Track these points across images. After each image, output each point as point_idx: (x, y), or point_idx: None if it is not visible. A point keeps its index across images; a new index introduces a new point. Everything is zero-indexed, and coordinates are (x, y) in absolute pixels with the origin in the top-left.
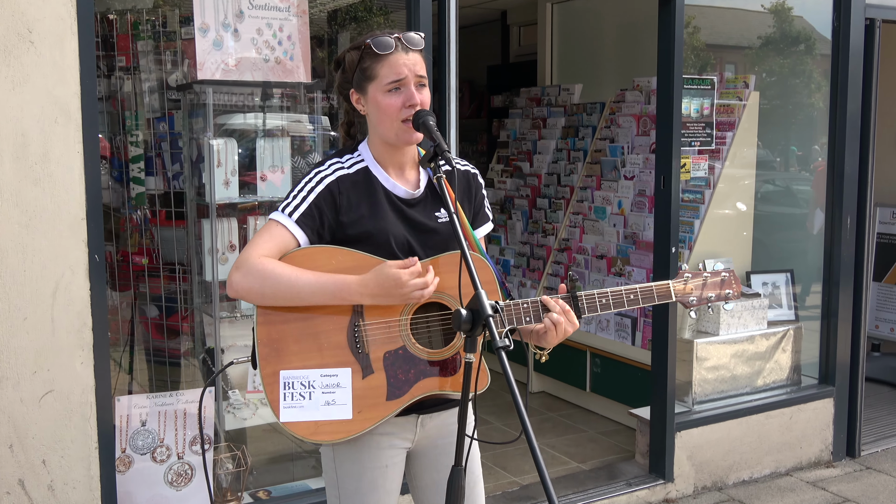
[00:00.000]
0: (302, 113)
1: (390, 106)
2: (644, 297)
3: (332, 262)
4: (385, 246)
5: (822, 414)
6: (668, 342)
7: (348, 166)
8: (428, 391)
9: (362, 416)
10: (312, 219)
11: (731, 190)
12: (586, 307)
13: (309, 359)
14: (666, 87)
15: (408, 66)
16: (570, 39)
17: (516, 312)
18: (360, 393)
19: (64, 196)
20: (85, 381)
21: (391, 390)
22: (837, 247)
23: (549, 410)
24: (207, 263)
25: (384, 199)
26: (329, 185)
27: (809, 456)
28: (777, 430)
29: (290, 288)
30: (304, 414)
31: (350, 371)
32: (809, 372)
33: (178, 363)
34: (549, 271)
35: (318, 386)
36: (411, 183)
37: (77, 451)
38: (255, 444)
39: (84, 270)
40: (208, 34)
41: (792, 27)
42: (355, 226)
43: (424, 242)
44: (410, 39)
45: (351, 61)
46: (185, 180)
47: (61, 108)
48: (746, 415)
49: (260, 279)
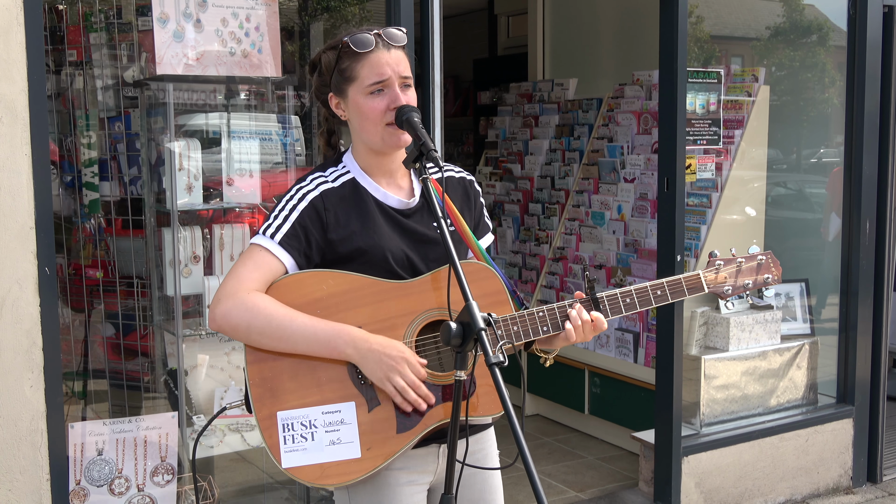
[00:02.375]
0: (271, 112)
1: (373, 109)
2: (673, 292)
3: (324, 286)
4: (381, 263)
5: (841, 436)
6: (673, 359)
7: (332, 180)
8: (441, 419)
9: (372, 452)
10: (297, 240)
11: (740, 193)
12: (609, 309)
13: (308, 395)
14: (669, 82)
15: (391, 65)
16: (564, 30)
17: (532, 322)
18: (367, 428)
19: (10, 203)
20: (35, 406)
21: (401, 422)
22: (856, 254)
23: (544, 435)
24: (169, 277)
25: (376, 212)
26: (313, 202)
27: (827, 482)
28: (792, 454)
29: (282, 330)
30: (308, 457)
31: (354, 405)
32: (826, 390)
33: (137, 386)
34: (544, 283)
35: (320, 425)
36: (404, 191)
37: (27, 483)
38: (222, 474)
39: (33, 285)
40: (168, 25)
41: (803, 16)
42: (346, 243)
43: (425, 255)
44: (392, 36)
45: (328, 63)
46: (143, 185)
47: (7, 107)
48: (759, 437)
49: (248, 317)
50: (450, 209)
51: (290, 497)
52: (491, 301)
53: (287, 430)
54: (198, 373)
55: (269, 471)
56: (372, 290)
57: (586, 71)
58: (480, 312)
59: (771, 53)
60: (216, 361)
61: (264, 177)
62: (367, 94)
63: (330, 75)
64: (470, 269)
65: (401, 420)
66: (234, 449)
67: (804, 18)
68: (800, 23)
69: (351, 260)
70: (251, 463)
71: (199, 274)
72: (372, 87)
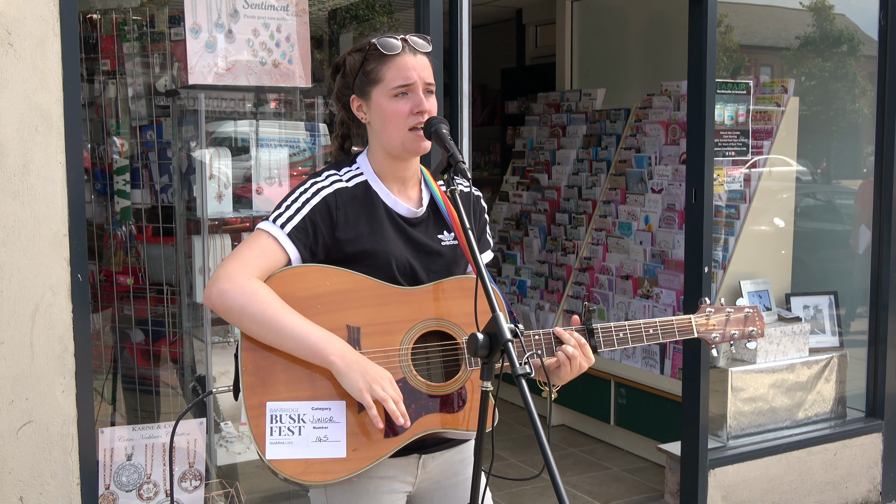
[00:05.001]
0: (299, 120)
1: (397, 112)
2: (664, 333)
3: (327, 283)
4: (385, 268)
5: (870, 450)
6: (700, 371)
7: (346, 179)
8: (429, 429)
9: (357, 454)
10: (306, 233)
11: (768, 204)
12: (602, 341)
13: (299, 390)
14: (697, 92)
15: (416, 69)
16: (592, 40)
17: (526, 345)
18: (354, 429)
19: (45, 211)
20: (66, 411)
21: (389, 427)
22: (886, 266)
23: (569, 445)
24: (198, 284)
25: (385, 217)
26: (326, 198)
27: (856, 496)
28: (820, 468)
29: (271, 324)
30: (293, 451)
31: (344, 405)
32: (856, 404)
33: (166, 393)
34: (570, 293)
35: (308, 420)
36: (413, 201)
37: (57, 487)
38: (249, 480)
39: (66, 291)
40: (200, 35)
41: (834, 26)
42: (353, 244)
43: (427, 266)
44: (417, 42)
45: (353, 64)
46: (173, 193)
47: (42, 116)
48: (786, 451)
49: (243, 302)
50: (455, 224)
51: None
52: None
53: (275, 422)
54: (226, 380)
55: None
56: (374, 293)
57: (614, 81)
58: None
59: (801, 63)
60: None
61: (293, 185)
62: (391, 96)
63: (354, 77)
64: (468, 283)
65: (389, 425)
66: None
67: (834, 28)
68: (830, 32)
69: (355, 261)
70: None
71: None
72: (396, 90)
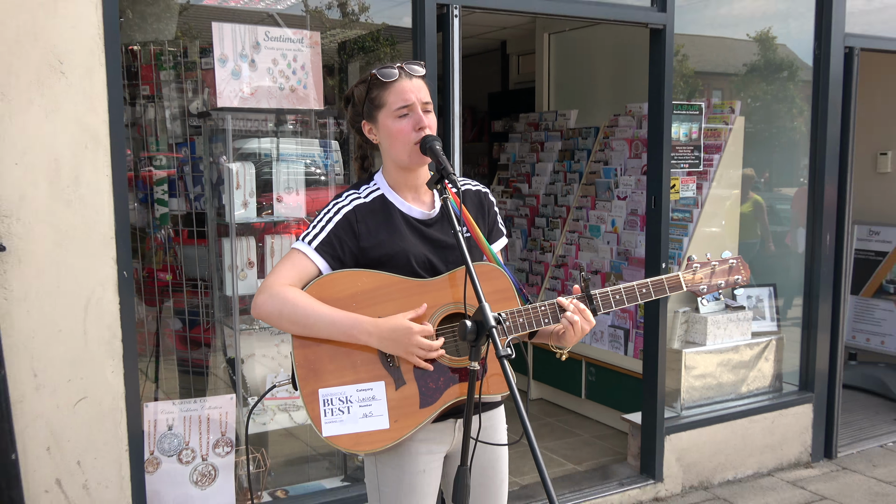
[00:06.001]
0: (314, 137)
1: (401, 130)
2: (656, 290)
3: (358, 284)
4: (406, 266)
5: (802, 418)
6: (658, 352)
7: (364, 195)
8: (457, 397)
9: (399, 424)
10: (332, 246)
11: (717, 209)
12: (601, 304)
13: (344, 376)
14: (657, 113)
15: (413, 91)
16: (566, 68)
17: (535, 315)
18: (394, 403)
19: (94, 217)
20: (115, 388)
21: (423, 399)
22: (817, 262)
23: (546, 416)
24: (227, 279)
25: (401, 222)
26: (346, 215)
27: (790, 457)
28: (760, 434)
29: (305, 318)
30: (344, 427)
31: (384, 384)
32: (790, 379)
33: (202, 372)
34: (547, 286)
35: (355, 400)
36: (426, 204)
37: (109, 453)
38: (273, 446)
39: (114, 286)
40: (227, 64)
41: (776, 55)
42: (376, 249)
43: (445, 259)
44: (412, 67)
45: (359, 94)
46: (205, 201)
47: (91, 135)
48: (731, 419)
49: (279, 305)
50: (466, 219)
51: (329, 467)
52: (501, 297)
53: (327, 405)
54: (252, 361)
55: (312, 444)
56: (398, 287)
57: (585, 103)
58: (492, 312)
59: (747, 87)
60: (267, 351)
61: (308, 193)
62: (395, 117)
63: (362, 105)
64: (483, 269)
65: (423, 397)
66: (282, 426)
67: (776, 56)
68: (772, 60)
69: (381, 264)
70: (297, 438)
71: (253, 277)
72: (399, 111)
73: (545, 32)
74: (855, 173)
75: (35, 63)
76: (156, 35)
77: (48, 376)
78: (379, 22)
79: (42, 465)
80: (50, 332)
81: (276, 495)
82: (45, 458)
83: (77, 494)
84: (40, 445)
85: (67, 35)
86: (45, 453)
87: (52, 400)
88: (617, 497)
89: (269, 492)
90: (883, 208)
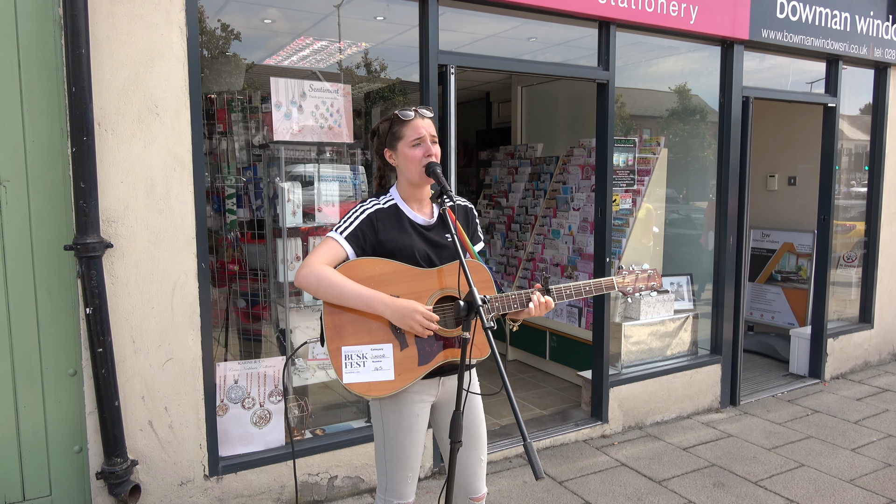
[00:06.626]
0: (346, 163)
1: (415, 156)
2: (596, 289)
3: (376, 268)
4: (412, 258)
5: (713, 375)
6: (604, 324)
7: (383, 203)
8: (446, 359)
9: (401, 377)
10: (357, 238)
11: (648, 218)
12: (555, 297)
13: (362, 338)
14: (602, 146)
15: (424, 127)
16: (535, 112)
17: (508, 301)
18: (399, 361)
19: (180, 222)
20: (195, 352)
21: (421, 359)
22: (724, 257)
23: (520, 373)
24: (280, 270)
25: (409, 225)
26: (369, 215)
27: (704, 404)
28: (681, 387)
29: (337, 289)
30: (360, 377)
31: (392, 346)
32: (704, 345)
33: (260, 339)
34: (520, 275)
35: (369, 357)
36: (427, 214)
37: (189, 401)
38: (313, 396)
39: (194, 274)
40: (281, 108)
41: (691, 102)
42: (390, 243)
43: (439, 255)
44: (423, 111)
45: (384, 129)
46: (264, 211)
47: (178, 161)
48: (659, 375)
49: (316, 278)
50: (457, 226)
51: (356, 412)
52: (483, 286)
53: (347, 359)
54: (298, 331)
55: (342, 395)
56: (406, 273)
57: (549, 138)
58: (480, 295)
59: (669, 126)
60: (309, 324)
61: (342, 206)
62: (410, 146)
63: (385, 137)
64: (469, 264)
65: (421, 357)
66: (320, 380)
67: (691, 104)
68: (688, 107)
69: (392, 254)
70: (332, 389)
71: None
72: (413, 142)
73: (518, 85)
74: (751, 190)
75: (136, 107)
76: (228, 86)
77: (143, 342)
78: (394, 77)
79: (138, 410)
80: (145, 309)
81: (316, 433)
82: (140, 404)
83: (164, 432)
84: (137, 395)
85: (161, 86)
86: (140, 401)
87: (146, 360)
88: (573, 434)
89: (311, 430)
90: (772, 216)
